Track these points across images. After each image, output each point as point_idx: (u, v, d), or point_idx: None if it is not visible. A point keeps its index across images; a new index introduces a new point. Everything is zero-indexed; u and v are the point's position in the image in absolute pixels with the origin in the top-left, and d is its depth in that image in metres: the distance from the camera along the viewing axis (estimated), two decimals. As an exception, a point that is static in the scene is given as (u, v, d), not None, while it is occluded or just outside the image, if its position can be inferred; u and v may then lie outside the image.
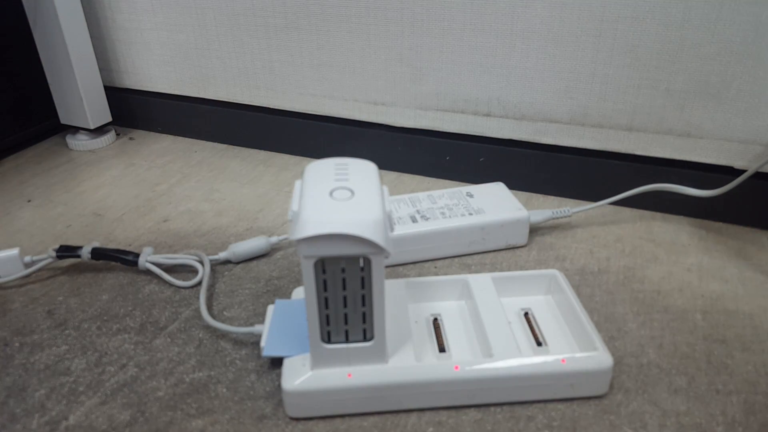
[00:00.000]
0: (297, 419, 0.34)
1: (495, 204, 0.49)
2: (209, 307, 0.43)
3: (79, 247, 0.46)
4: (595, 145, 0.55)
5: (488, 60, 0.55)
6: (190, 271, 0.47)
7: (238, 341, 0.39)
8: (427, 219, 0.47)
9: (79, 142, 0.71)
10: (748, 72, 0.47)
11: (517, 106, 0.56)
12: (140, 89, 0.75)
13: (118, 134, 0.75)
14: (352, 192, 0.30)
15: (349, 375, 0.33)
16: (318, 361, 0.33)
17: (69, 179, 0.64)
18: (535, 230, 0.51)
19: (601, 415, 0.34)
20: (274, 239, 0.49)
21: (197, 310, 0.42)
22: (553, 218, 0.50)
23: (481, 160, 0.59)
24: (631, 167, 0.54)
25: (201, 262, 0.46)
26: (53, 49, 0.67)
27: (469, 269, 0.47)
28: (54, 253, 0.46)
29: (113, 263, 0.48)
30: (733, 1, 0.45)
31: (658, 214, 0.54)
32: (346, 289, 0.31)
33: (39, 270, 0.46)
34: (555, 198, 0.58)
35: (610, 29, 0.50)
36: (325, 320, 0.32)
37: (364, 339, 0.32)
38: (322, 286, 0.31)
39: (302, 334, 0.35)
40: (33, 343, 0.40)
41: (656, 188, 0.50)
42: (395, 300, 0.38)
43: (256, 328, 0.38)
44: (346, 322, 0.32)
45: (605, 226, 0.52)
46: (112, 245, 0.51)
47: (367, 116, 0.63)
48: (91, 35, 0.70)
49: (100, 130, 0.73)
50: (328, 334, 0.32)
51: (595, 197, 0.54)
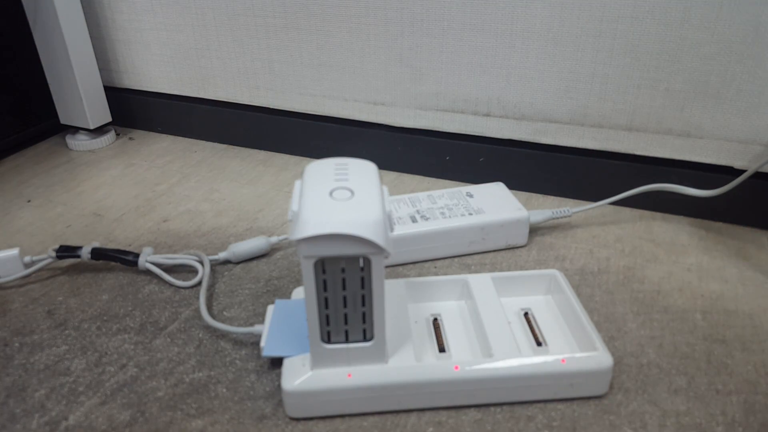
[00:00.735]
0: (297, 419, 0.34)
1: (495, 204, 0.49)
2: (209, 307, 0.43)
3: (79, 248, 0.46)
4: (595, 145, 0.55)
5: (488, 60, 0.55)
6: (190, 271, 0.47)
7: (238, 341, 0.39)
8: (427, 219, 0.47)
9: (79, 142, 0.71)
10: (748, 72, 0.47)
11: (516, 106, 0.56)
12: (140, 89, 0.75)
13: (117, 134, 0.75)
14: (352, 192, 0.30)
15: (349, 375, 0.33)
16: (318, 361, 0.33)
17: (69, 179, 0.64)
18: (535, 230, 0.51)
19: (601, 415, 0.34)
20: (274, 239, 0.49)
21: (197, 310, 0.42)
22: (553, 218, 0.50)
23: (481, 160, 0.59)
24: (631, 167, 0.54)
25: (201, 262, 0.46)
26: (53, 49, 0.67)
27: (469, 269, 0.47)
28: (54, 253, 0.46)
29: (113, 263, 0.48)
30: (733, 1, 0.45)
31: (658, 214, 0.54)
32: (346, 289, 0.31)
33: (39, 270, 0.46)
34: (555, 198, 0.58)
35: (610, 29, 0.50)
36: (325, 320, 0.32)
37: (364, 339, 0.32)
38: (322, 286, 0.31)
39: (302, 334, 0.35)
40: (33, 343, 0.40)
41: (656, 188, 0.50)
42: (395, 300, 0.38)
43: (256, 328, 0.38)
44: (346, 322, 0.32)
45: (605, 226, 0.52)
46: (112, 245, 0.51)
47: (366, 116, 0.63)
48: (91, 35, 0.70)
49: (99, 130, 0.73)
50: (328, 334, 0.32)
51: (595, 197, 0.54)
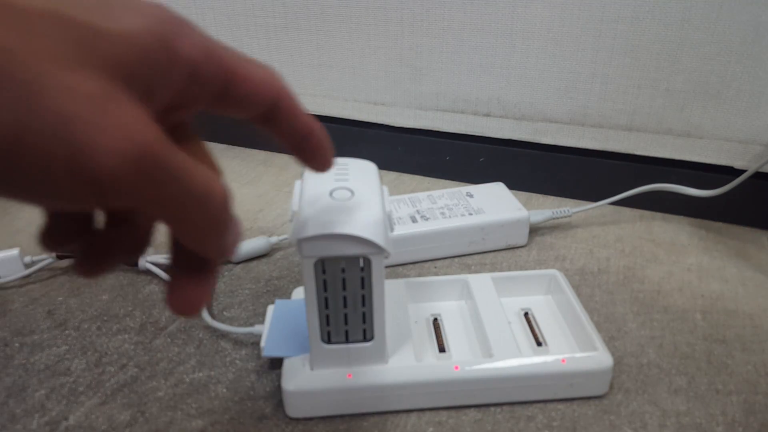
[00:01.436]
0: (297, 419, 0.34)
1: (495, 204, 0.49)
2: (209, 307, 0.43)
3: (79, 247, 0.46)
4: (595, 145, 0.55)
5: (488, 60, 0.55)
6: (190, 271, 0.47)
7: (238, 341, 0.39)
8: (427, 219, 0.47)
9: (79, 142, 0.71)
10: (748, 72, 0.47)
11: (517, 106, 0.56)
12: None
13: (118, 134, 0.75)
14: (352, 192, 0.30)
15: (349, 375, 0.33)
16: (318, 361, 0.33)
17: (69, 179, 0.64)
18: (535, 230, 0.51)
19: (601, 415, 0.34)
20: (274, 239, 0.49)
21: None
22: (553, 218, 0.50)
23: (481, 160, 0.59)
24: (631, 167, 0.54)
25: (201, 262, 0.46)
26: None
27: (469, 269, 0.47)
28: (54, 254, 0.46)
29: (113, 263, 0.48)
30: (733, 1, 0.45)
31: (658, 214, 0.54)
32: (346, 289, 0.31)
33: (39, 270, 0.46)
34: (555, 198, 0.58)
35: (610, 29, 0.50)
36: (325, 320, 0.32)
37: (364, 339, 0.32)
38: (322, 286, 0.31)
39: (302, 334, 0.35)
40: (33, 343, 0.40)
41: (656, 188, 0.50)
42: (395, 300, 0.38)
43: (256, 328, 0.38)
44: (346, 322, 0.32)
45: (605, 226, 0.52)
46: (112, 245, 0.51)
47: (367, 116, 0.63)
48: (91, 35, 0.70)
49: (100, 130, 0.73)
50: (328, 334, 0.32)
51: (595, 197, 0.54)
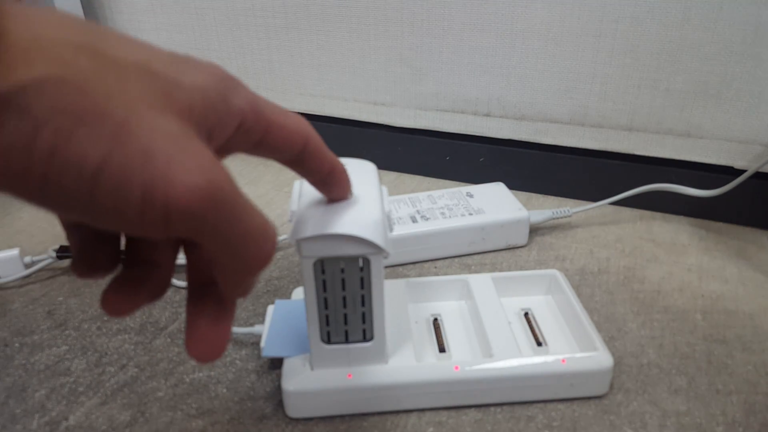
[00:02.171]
0: (297, 419, 0.34)
1: (495, 204, 0.49)
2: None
3: (79, 248, 0.46)
4: (595, 145, 0.55)
5: (488, 60, 0.55)
6: (190, 271, 0.47)
7: (238, 341, 0.39)
8: (427, 219, 0.47)
9: (79, 143, 0.71)
10: (748, 72, 0.47)
11: (517, 106, 0.56)
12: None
13: (118, 134, 0.75)
14: (352, 192, 0.30)
15: (349, 375, 0.33)
16: (318, 362, 0.33)
17: (69, 179, 0.64)
18: (535, 230, 0.51)
19: (601, 415, 0.33)
20: (274, 239, 0.49)
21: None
22: (553, 218, 0.50)
23: (481, 160, 0.59)
24: (631, 167, 0.54)
25: (201, 263, 0.46)
26: (53, 49, 0.67)
27: (469, 269, 0.47)
28: (54, 254, 0.46)
29: (113, 263, 0.48)
30: (733, 1, 0.45)
31: (658, 214, 0.54)
32: (345, 290, 0.31)
33: (39, 270, 0.46)
34: (555, 198, 0.58)
35: (610, 29, 0.50)
36: (325, 320, 0.32)
37: (364, 339, 0.32)
38: (322, 286, 0.31)
39: (302, 334, 0.35)
40: (33, 343, 0.40)
41: (656, 188, 0.50)
42: (395, 300, 0.38)
43: (256, 328, 0.38)
44: (345, 322, 0.32)
45: (605, 226, 0.52)
46: (112, 245, 0.51)
47: (367, 116, 0.63)
48: (91, 35, 0.70)
49: (100, 131, 0.73)
50: (328, 334, 0.32)
51: (595, 197, 0.54)
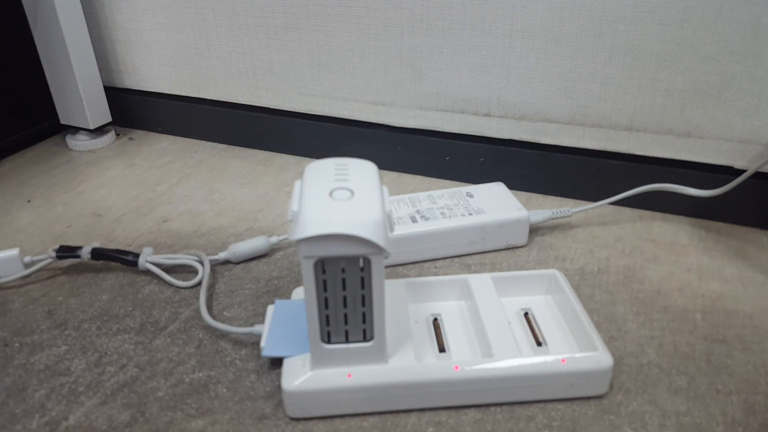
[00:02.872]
0: (297, 419, 0.34)
1: (495, 204, 0.49)
2: (209, 307, 0.43)
3: (79, 248, 0.46)
4: (595, 145, 0.55)
5: (488, 60, 0.55)
6: (190, 271, 0.47)
7: (238, 341, 0.39)
8: (427, 219, 0.47)
9: (79, 143, 0.71)
10: (748, 72, 0.47)
11: (517, 106, 0.56)
12: (140, 89, 0.75)
13: (118, 134, 0.75)
14: (352, 192, 0.30)
15: (349, 375, 0.33)
16: (318, 361, 0.33)
17: (69, 179, 0.64)
18: (535, 230, 0.51)
19: (601, 415, 0.34)
20: (274, 239, 0.49)
21: (197, 310, 0.42)
22: (553, 218, 0.50)
23: (481, 160, 0.59)
24: (631, 167, 0.54)
25: (201, 262, 0.46)
26: (53, 49, 0.67)
27: (469, 269, 0.47)
28: (54, 254, 0.46)
29: (113, 263, 0.48)
30: (733, 1, 0.45)
31: (658, 214, 0.54)
32: (345, 290, 0.31)
33: (39, 270, 0.46)
34: (555, 198, 0.58)
35: (610, 29, 0.50)
36: (325, 320, 0.32)
37: (364, 339, 0.32)
38: (322, 286, 0.31)
39: (302, 334, 0.35)
40: (33, 343, 0.40)
41: (656, 188, 0.50)
42: (395, 300, 0.38)
43: (256, 328, 0.38)
44: (346, 322, 0.32)
45: (605, 226, 0.52)
46: (112, 245, 0.51)
47: (367, 116, 0.63)
48: (91, 35, 0.70)
49: (100, 131, 0.73)
50: (328, 334, 0.32)
51: (595, 197, 0.54)
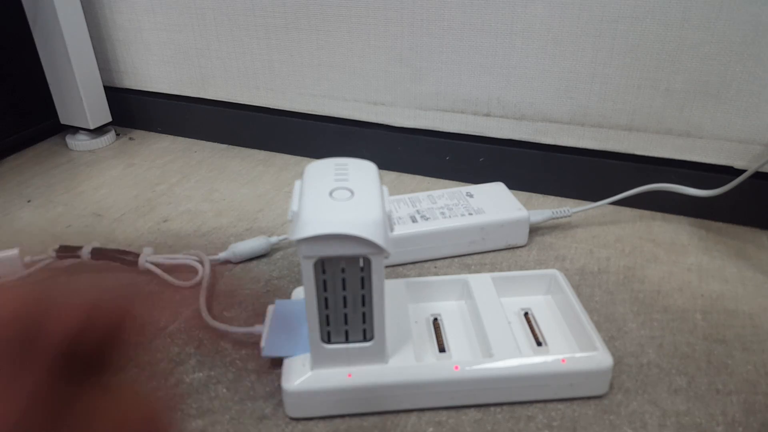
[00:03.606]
0: (297, 419, 0.34)
1: (495, 204, 0.49)
2: (209, 307, 0.43)
3: (79, 248, 0.46)
4: (595, 145, 0.55)
5: (488, 60, 0.55)
6: (190, 271, 0.47)
7: (238, 341, 0.39)
8: (427, 219, 0.47)
9: (79, 143, 0.71)
10: (748, 72, 0.47)
11: (517, 106, 0.56)
12: (140, 89, 0.75)
13: (117, 134, 0.75)
14: (352, 192, 0.30)
15: (349, 375, 0.33)
16: (318, 361, 0.33)
17: (69, 179, 0.64)
18: (535, 230, 0.51)
19: (601, 415, 0.34)
20: (274, 239, 0.49)
21: (197, 310, 0.42)
22: (553, 218, 0.50)
23: (481, 160, 0.59)
24: (631, 167, 0.54)
25: (201, 262, 0.46)
26: (53, 49, 0.67)
27: (469, 269, 0.47)
28: (54, 254, 0.46)
29: (113, 263, 0.48)
30: (733, 1, 0.45)
31: (658, 214, 0.54)
32: (345, 289, 0.31)
33: (39, 270, 0.46)
34: (555, 198, 0.58)
35: (610, 29, 0.50)
36: (325, 320, 0.32)
37: (364, 339, 0.32)
38: (322, 286, 0.31)
39: (302, 334, 0.35)
40: (33, 343, 0.40)
41: (656, 188, 0.50)
42: (395, 300, 0.38)
43: (256, 328, 0.38)
44: (346, 322, 0.32)
45: (605, 226, 0.52)
46: (112, 245, 0.51)
47: (367, 116, 0.63)
48: (91, 35, 0.70)
49: (99, 131, 0.73)
50: (328, 334, 0.32)
51: (595, 197, 0.54)
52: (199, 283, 0.45)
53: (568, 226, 0.52)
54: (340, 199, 0.30)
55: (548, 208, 0.54)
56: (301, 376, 0.33)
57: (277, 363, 0.37)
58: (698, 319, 0.41)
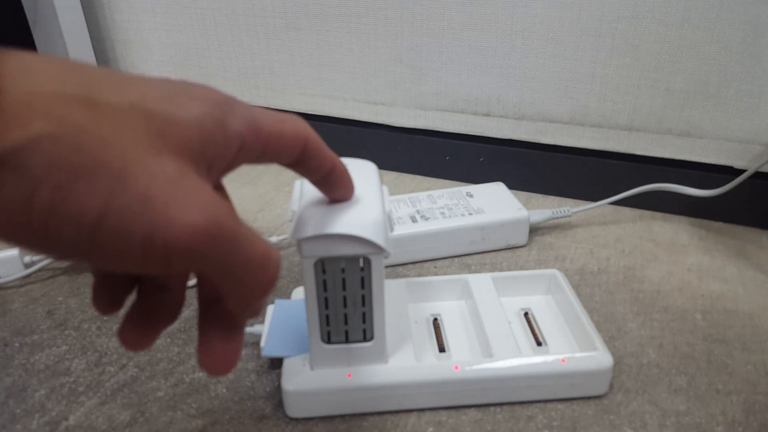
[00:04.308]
0: (297, 419, 0.34)
1: (495, 204, 0.49)
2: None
3: (79, 248, 0.46)
4: (594, 145, 0.55)
5: (488, 60, 0.55)
6: (190, 271, 0.47)
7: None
8: (427, 219, 0.47)
9: (79, 142, 0.71)
10: (748, 72, 0.47)
11: (516, 105, 0.56)
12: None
13: (118, 134, 0.75)
14: (353, 192, 0.30)
15: (349, 375, 0.33)
16: (318, 361, 0.33)
17: (69, 179, 0.64)
18: (535, 230, 0.51)
19: (601, 415, 0.34)
20: (274, 239, 0.49)
21: (197, 310, 0.42)
22: (553, 218, 0.50)
23: (481, 160, 0.59)
24: (631, 167, 0.54)
25: (201, 262, 0.46)
26: (53, 49, 0.67)
27: (469, 269, 0.47)
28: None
29: (113, 263, 0.47)
30: (733, 1, 0.45)
31: (658, 214, 0.54)
32: (346, 289, 0.31)
33: (39, 270, 0.46)
34: (555, 198, 0.58)
35: (609, 29, 0.50)
36: (325, 320, 0.32)
37: (364, 339, 0.32)
38: (322, 286, 0.31)
39: (302, 334, 0.35)
40: (33, 343, 0.40)
41: (656, 188, 0.50)
42: (395, 300, 0.38)
43: (256, 328, 0.38)
44: (346, 322, 0.32)
45: (605, 226, 0.52)
46: (112, 245, 0.51)
47: (367, 116, 0.63)
48: (91, 35, 0.70)
49: (100, 130, 0.73)
50: (328, 334, 0.32)
51: (595, 197, 0.54)
52: (199, 283, 0.45)
53: (568, 226, 0.52)
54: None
55: (548, 208, 0.54)
56: (301, 376, 0.33)
57: (277, 363, 0.37)
58: (698, 319, 0.41)
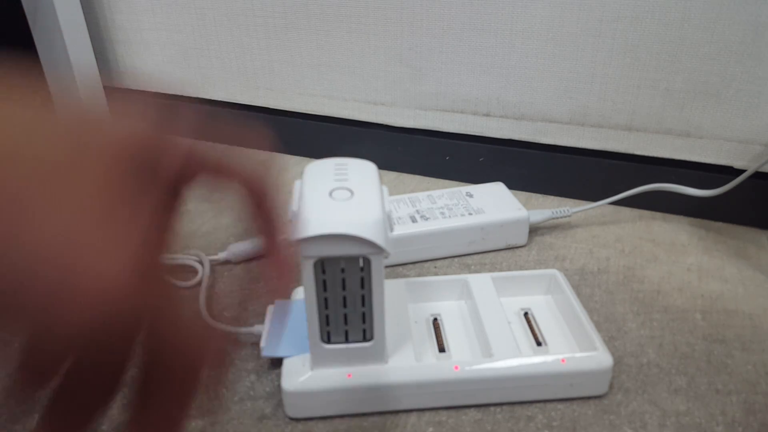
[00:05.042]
0: (297, 419, 0.34)
1: (495, 204, 0.49)
2: (209, 307, 0.43)
3: (79, 248, 0.46)
4: (594, 145, 0.55)
5: (488, 60, 0.55)
6: (190, 271, 0.47)
7: (238, 341, 0.39)
8: (427, 219, 0.47)
9: (79, 143, 0.71)
10: (748, 72, 0.47)
11: (516, 106, 0.56)
12: (140, 89, 0.75)
13: (117, 134, 0.75)
14: (352, 192, 0.30)
15: (349, 375, 0.33)
16: (318, 361, 0.33)
17: (69, 179, 0.64)
18: (534, 230, 0.51)
19: (601, 415, 0.34)
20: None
21: (197, 310, 0.42)
22: (553, 218, 0.50)
23: (481, 160, 0.59)
24: (631, 167, 0.54)
25: (201, 262, 0.46)
26: (53, 49, 0.67)
27: (469, 269, 0.47)
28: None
29: (113, 263, 0.47)
30: (733, 1, 0.45)
31: (658, 214, 0.54)
32: (345, 290, 0.31)
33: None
34: (555, 198, 0.58)
35: (609, 29, 0.50)
36: (325, 320, 0.32)
37: (364, 339, 0.32)
38: (322, 286, 0.31)
39: (302, 334, 0.35)
40: (33, 343, 0.40)
41: (656, 188, 0.50)
42: (395, 300, 0.38)
43: (256, 328, 0.38)
44: (345, 322, 0.32)
45: (605, 226, 0.52)
46: (111, 245, 0.51)
47: (367, 116, 0.63)
48: (91, 35, 0.70)
49: (99, 130, 0.73)
50: (328, 334, 0.32)
51: (595, 197, 0.54)
52: (199, 284, 0.45)
53: (567, 226, 0.52)
54: (339, 199, 0.30)
55: (548, 208, 0.54)
56: (301, 376, 0.33)
57: (277, 363, 0.37)
58: (698, 319, 0.41)
